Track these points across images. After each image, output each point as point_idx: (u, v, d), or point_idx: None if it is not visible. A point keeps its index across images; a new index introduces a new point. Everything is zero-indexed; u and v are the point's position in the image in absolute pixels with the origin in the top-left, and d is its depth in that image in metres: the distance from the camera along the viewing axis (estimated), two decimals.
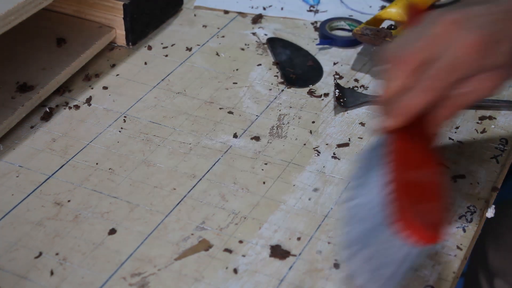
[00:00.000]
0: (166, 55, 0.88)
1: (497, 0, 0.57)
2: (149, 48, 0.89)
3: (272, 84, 0.84)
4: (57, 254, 0.63)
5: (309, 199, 0.69)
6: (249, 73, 0.86)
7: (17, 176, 0.71)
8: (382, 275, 0.54)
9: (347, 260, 0.56)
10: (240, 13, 0.97)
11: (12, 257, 0.63)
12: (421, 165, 0.57)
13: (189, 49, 0.89)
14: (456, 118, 0.79)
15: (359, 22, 0.93)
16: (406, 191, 0.54)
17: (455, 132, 0.77)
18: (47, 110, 0.79)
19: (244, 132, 0.77)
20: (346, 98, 0.81)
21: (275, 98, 0.82)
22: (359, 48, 0.91)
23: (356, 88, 0.84)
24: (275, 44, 0.91)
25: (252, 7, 0.98)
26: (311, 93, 0.83)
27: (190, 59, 0.88)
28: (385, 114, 0.57)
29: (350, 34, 0.93)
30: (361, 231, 0.55)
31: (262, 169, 0.72)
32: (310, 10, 0.98)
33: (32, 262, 0.62)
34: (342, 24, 0.95)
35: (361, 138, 0.77)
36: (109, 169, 0.72)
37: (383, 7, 0.98)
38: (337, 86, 0.83)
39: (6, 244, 0.64)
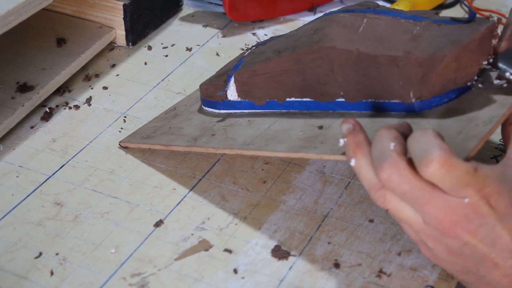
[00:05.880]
0: (166, 55, 0.88)
1: None
2: (149, 48, 0.89)
3: None
4: (57, 254, 0.63)
5: (309, 199, 0.69)
6: None
7: (17, 176, 0.71)
8: None
9: None
10: None
11: (12, 257, 0.63)
12: None
13: (189, 49, 0.89)
14: None
15: None
16: None
17: None
18: (47, 110, 0.79)
19: None
20: None
21: None
22: None
23: None
24: None
25: None
26: None
27: (190, 59, 0.88)
28: None
29: None
30: None
31: (262, 169, 0.72)
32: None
33: (32, 262, 0.62)
34: None
35: None
36: (109, 169, 0.72)
37: None
38: None
39: (6, 244, 0.64)
